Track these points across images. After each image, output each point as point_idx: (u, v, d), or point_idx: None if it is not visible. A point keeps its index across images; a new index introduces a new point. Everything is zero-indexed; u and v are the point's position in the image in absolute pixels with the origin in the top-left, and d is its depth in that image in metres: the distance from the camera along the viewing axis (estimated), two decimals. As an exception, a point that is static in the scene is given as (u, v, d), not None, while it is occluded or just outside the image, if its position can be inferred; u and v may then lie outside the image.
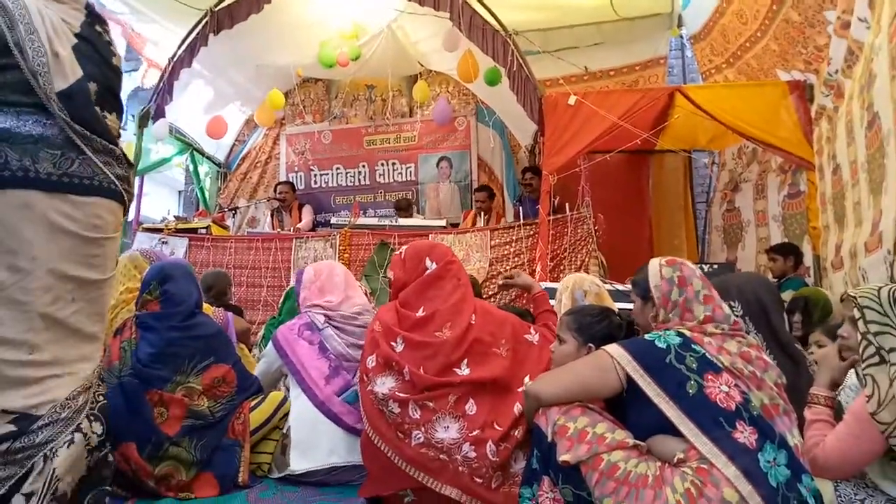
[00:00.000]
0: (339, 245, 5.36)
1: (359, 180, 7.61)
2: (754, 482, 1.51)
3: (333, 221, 6.02)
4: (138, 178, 6.03)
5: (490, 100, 6.99)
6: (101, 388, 1.74)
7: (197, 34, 5.70)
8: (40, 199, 1.51)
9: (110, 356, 2.30)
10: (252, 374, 2.62)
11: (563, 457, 1.66)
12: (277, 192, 6.86)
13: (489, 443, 1.95)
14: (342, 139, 7.69)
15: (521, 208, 5.58)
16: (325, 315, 2.69)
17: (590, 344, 2.02)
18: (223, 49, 5.93)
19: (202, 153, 7.37)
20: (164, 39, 6.43)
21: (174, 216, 6.39)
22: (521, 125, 6.56)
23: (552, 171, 4.70)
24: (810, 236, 4.42)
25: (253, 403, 2.53)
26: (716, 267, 4.16)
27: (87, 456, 1.60)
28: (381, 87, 7.61)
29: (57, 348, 1.54)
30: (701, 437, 1.61)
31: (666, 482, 1.58)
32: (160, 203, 8.67)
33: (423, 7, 5.33)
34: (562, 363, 2.00)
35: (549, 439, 1.73)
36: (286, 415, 2.56)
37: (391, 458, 2.01)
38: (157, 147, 6.62)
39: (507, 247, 5.14)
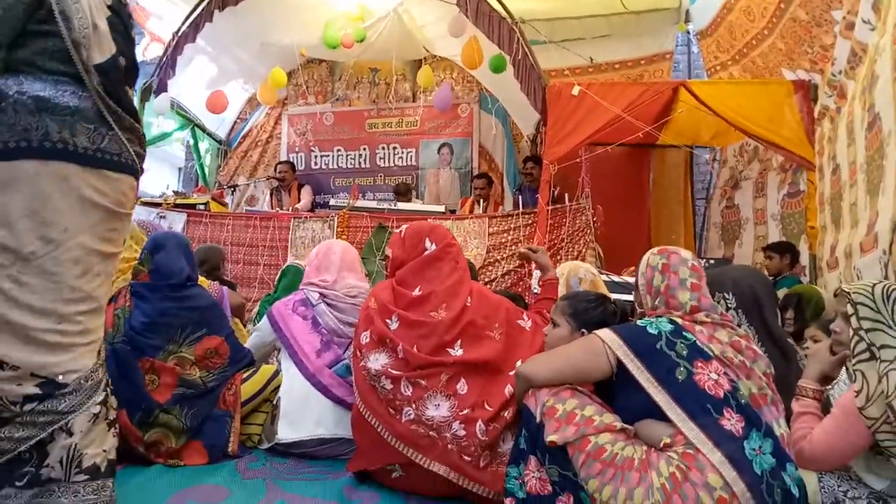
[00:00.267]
0: (338, 226, 5.36)
1: (359, 163, 7.59)
2: (739, 469, 1.52)
3: (332, 203, 6.02)
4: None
5: (494, 87, 6.97)
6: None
7: (202, 10, 5.67)
8: (76, 173, 1.52)
9: (104, 323, 2.31)
10: (245, 347, 2.63)
11: (551, 437, 1.67)
12: (277, 171, 6.85)
13: (479, 422, 1.97)
14: (344, 121, 7.66)
15: (521, 197, 5.58)
16: (319, 292, 2.70)
17: (583, 329, 2.03)
18: (228, 26, 5.90)
19: (203, 129, 7.34)
20: (169, 13, 6.38)
21: (173, 191, 6.37)
22: (523, 114, 6.54)
23: (553, 161, 4.69)
24: (808, 236, 4.43)
25: (245, 375, 2.55)
26: (712, 262, 4.17)
27: (109, 429, 1.61)
28: (385, 71, 7.57)
29: (83, 319, 1.56)
30: (688, 422, 1.62)
31: (651, 466, 1.59)
32: (159, 178, 8.62)
33: (430, -9, 5.32)
34: (554, 347, 2.01)
35: (538, 420, 1.74)
36: (277, 388, 2.58)
37: (381, 433, 2.03)
38: (158, 122, 6.60)
39: (505, 234, 5.15)
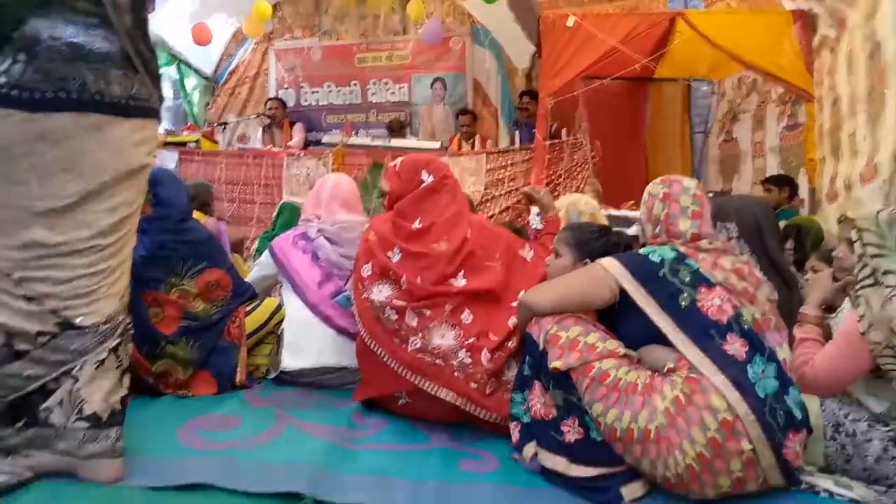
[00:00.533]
0: (332, 164, 5.29)
1: (350, 99, 7.43)
2: (742, 391, 1.54)
3: (325, 140, 5.92)
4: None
5: (486, 20, 6.75)
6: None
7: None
8: (111, 123, 1.49)
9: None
10: (247, 280, 2.64)
11: (554, 363, 1.69)
12: (268, 108, 6.71)
13: (484, 350, 1.99)
14: (333, 56, 7.45)
15: (518, 133, 5.51)
16: (317, 227, 2.69)
17: (586, 259, 2.02)
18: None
19: (189, 65, 7.15)
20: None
21: (164, 129, 6.24)
22: (517, 47, 6.39)
23: (549, 95, 4.62)
24: (807, 168, 4.42)
25: (249, 308, 2.57)
26: (711, 195, 4.16)
27: (119, 377, 1.61)
28: (373, 3, 7.34)
29: (111, 265, 1.56)
30: (692, 347, 1.63)
31: (655, 389, 1.61)
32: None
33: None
34: (557, 276, 2.01)
35: (541, 347, 1.76)
36: (281, 321, 2.60)
37: (387, 362, 2.04)
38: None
39: (502, 171, 5.10)
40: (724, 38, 4.48)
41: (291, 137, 6.58)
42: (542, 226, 2.60)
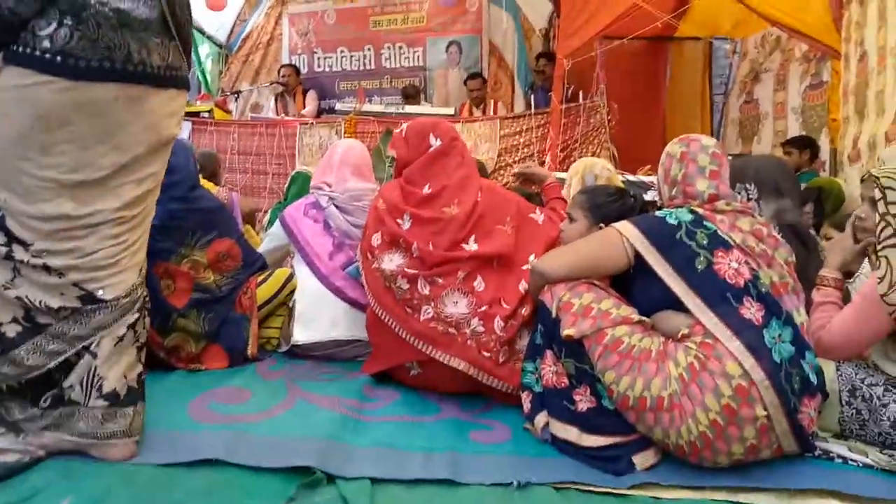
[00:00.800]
0: (345, 132, 5.25)
1: (364, 64, 7.34)
2: (757, 357, 1.51)
3: (338, 107, 5.87)
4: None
5: (505, -23, 6.61)
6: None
7: None
8: (150, 94, 1.46)
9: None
10: (257, 250, 2.63)
11: (567, 331, 1.66)
12: (281, 75, 6.66)
13: (497, 318, 1.96)
14: (347, 19, 7.34)
15: (533, 97, 5.41)
16: (328, 195, 2.66)
17: (601, 223, 1.99)
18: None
19: (202, 32, 7.09)
20: None
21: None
22: (535, 6, 6.26)
23: (567, 55, 4.50)
24: (829, 129, 4.28)
25: (259, 279, 2.55)
26: (729, 157, 4.06)
27: (137, 353, 1.60)
28: (389, -39, 7.19)
29: (131, 236, 1.54)
30: (707, 311, 1.60)
31: (669, 356, 1.59)
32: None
33: None
34: (572, 241, 1.97)
35: (554, 315, 1.73)
36: (293, 291, 2.59)
37: (398, 332, 2.03)
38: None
39: (516, 137, 5.02)
40: (747, -8, 4.32)
41: (305, 105, 6.52)
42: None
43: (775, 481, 1.50)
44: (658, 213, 1.77)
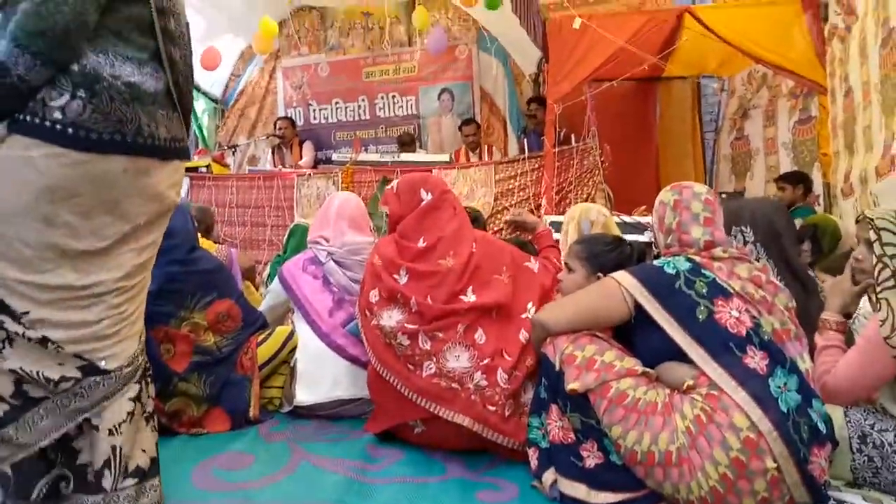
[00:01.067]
0: (342, 182, 5.29)
1: (359, 115, 7.44)
2: (764, 407, 1.50)
3: (335, 158, 5.92)
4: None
5: (492, 26, 6.74)
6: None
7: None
8: (157, 167, 1.45)
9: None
10: (256, 309, 2.62)
11: (571, 385, 1.65)
12: (277, 128, 6.72)
13: (500, 370, 1.95)
14: (340, 71, 7.47)
15: (526, 141, 5.47)
16: (326, 250, 2.67)
17: (599, 273, 1.99)
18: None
19: (198, 89, 7.19)
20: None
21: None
22: (524, 52, 6.36)
23: (557, 100, 4.56)
24: (821, 163, 4.32)
25: (260, 338, 2.54)
26: (724, 196, 4.10)
27: (147, 423, 1.56)
28: (379, 15, 7.29)
29: (130, 306, 1.51)
30: (711, 362, 1.59)
31: (675, 409, 1.57)
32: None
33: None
34: (570, 292, 1.97)
35: (557, 368, 1.72)
36: (294, 349, 2.58)
37: (401, 390, 2.02)
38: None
39: (511, 181, 5.06)
40: (732, 33, 4.40)
41: (301, 157, 6.59)
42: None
43: (790, 534, 1.48)
44: (656, 262, 1.78)
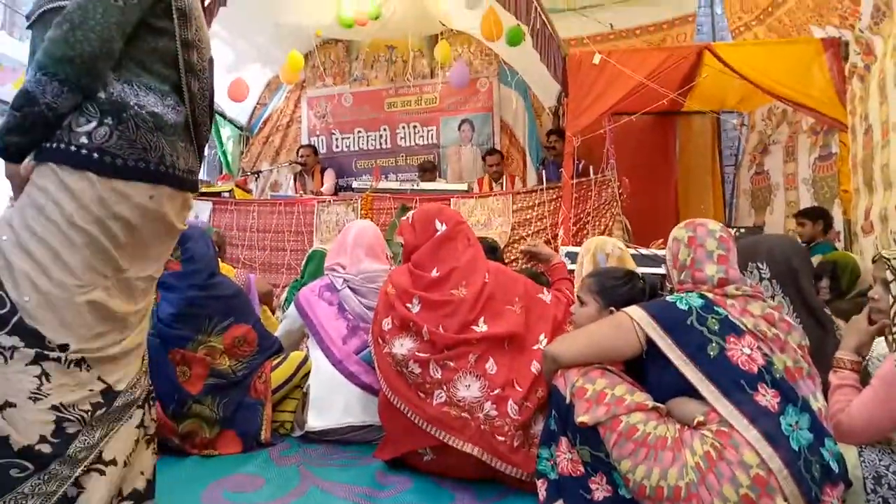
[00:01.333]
0: (361, 209, 5.35)
1: (380, 144, 7.55)
2: (775, 445, 1.49)
3: (355, 185, 6.00)
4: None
5: (513, 60, 6.84)
6: None
7: (216, -6, 5.63)
8: (173, 197, 1.48)
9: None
10: (272, 334, 2.65)
11: (581, 418, 1.65)
12: (299, 155, 6.83)
13: (510, 401, 1.96)
14: (363, 102, 7.61)
15: (545, 172, 5.51)
16: (343, 277, 2.70)
17: (611, 307, 1.99)
18: (242, 8, 5.86)
19: (224, 116, 7.36)
20: None
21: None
22: (544, 86, 6.42)
23: (576, 133, 4.60)
24: (841, 200, 4.30)
25: (274, 363, 2.57)
26: (743, 231, 4.09)
27: (148, 446, 1.54)
28: (402, 48, 7.47)
29: (139, 325, 1.53)
30: (722, 399, 1.59)
31: (685, 444, 1.57)
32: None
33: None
34: (582, 325, 1.98)
35: (568, 401, 1.72)
36: (307, 374, 2.60)
37: (411, 418, 2.03)
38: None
39: (529, 211, 5.08)
40: (752, 70, 4.42)
41: (323, 184, 6.68)
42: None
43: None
44: (668, 298, 1.78)
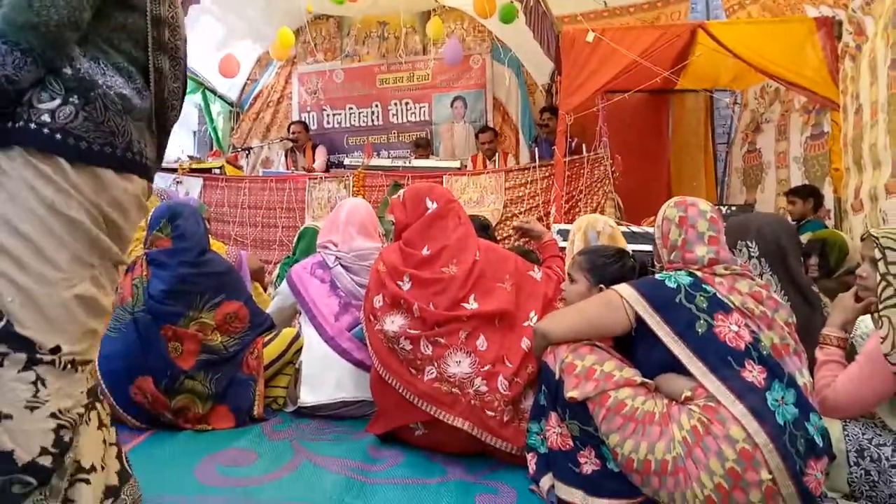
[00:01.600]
0: (353, 186, 5.35)
1: (372, 120, 7.51)
2: (761, 420, 1.51)
3: (347, 162, 5.98)
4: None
5: (506, 37, 6.79)
6: None
7: (206, -33, 5.56)
8: (140, 185, 1.37)
9: (122, 293, 2.33)
10: (264, 311, 2.65)
11: (571, 393, 1.67)
12: (290, 131, 6.79)
13: (500, 377, 1.98)
14: (355, 78, 7.55)
15: (537, 149, 5.50)
16: (335, 254, 2.71)
17: (601, 284, 2.00)
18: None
19: (214, 92, 7.29)
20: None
21: (188, 156, 6.36)
22: (537, 63, 6.40)
23: (569, 111, 4.58)
24: (832, 178, 4.32)
25: (266, 339, 2.58)
26: (734, 209, 4.11)
27: (107, 435, 1.40)
28: (394, 24, 7.41)
29: (103, 320, 1.42)
30: (709, 375, 1.61)
31: (672, 419, 1.59)
32: (174, 142, 8.66)
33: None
34: (573, 302, 2.00)
35: (557, 376, 1.75)
36: (299, 350, 2.61)
37: (402, 393, 2.05)
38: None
39: (521, 188, 5.09)
40: (745, 49, 4.40)
41: (314, 160, 6.65)
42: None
43: (784, 545, 1.48)
44: (658, 276, 1.80)
